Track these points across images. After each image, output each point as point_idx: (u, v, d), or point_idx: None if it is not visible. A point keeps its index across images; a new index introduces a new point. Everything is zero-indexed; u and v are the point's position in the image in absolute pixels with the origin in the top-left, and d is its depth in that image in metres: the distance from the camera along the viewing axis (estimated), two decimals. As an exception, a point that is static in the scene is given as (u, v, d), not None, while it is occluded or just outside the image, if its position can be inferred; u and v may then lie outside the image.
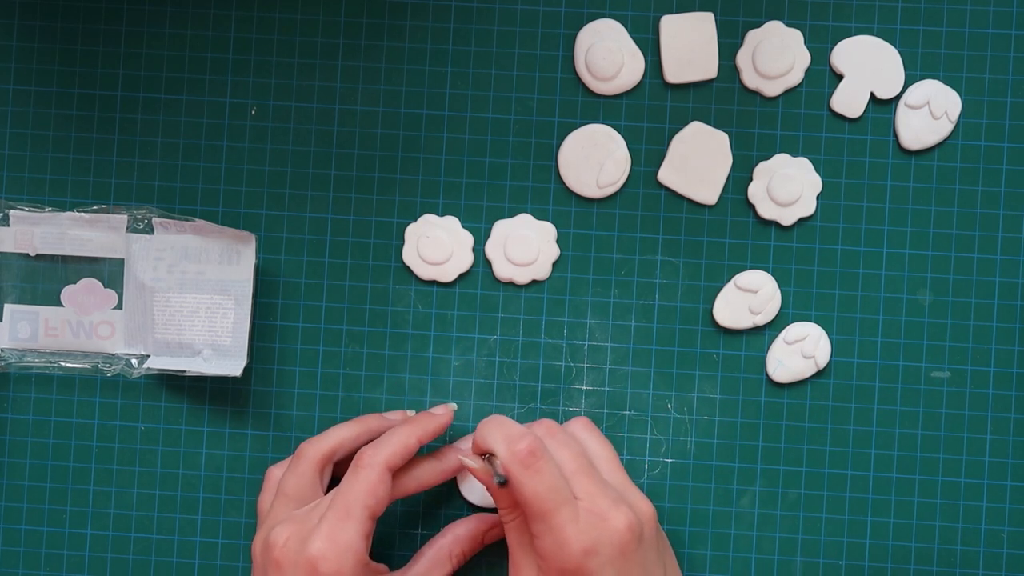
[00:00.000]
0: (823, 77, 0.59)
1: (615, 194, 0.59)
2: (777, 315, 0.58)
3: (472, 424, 0.59)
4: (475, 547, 0.56)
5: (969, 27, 0.59)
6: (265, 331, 0.59)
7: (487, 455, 0.50)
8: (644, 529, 0.50)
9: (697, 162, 0.58)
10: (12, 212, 0.58)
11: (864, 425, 0.58)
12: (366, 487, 0.51)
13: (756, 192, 0.58)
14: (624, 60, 0.58)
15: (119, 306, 0.59)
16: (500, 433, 0.50)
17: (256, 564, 0.52)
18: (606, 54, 0.58)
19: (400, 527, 0.59)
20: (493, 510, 0.58)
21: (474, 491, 0.58)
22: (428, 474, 0.55)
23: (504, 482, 0.49)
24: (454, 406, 0.57)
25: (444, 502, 0.59)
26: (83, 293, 0.59)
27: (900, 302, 0.58)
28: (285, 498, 0.53)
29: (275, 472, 0.56)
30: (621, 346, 0.59)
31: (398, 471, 0.54)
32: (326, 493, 0.54)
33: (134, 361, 0.58)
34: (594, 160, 0.59)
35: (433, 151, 0.59)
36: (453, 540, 0.56)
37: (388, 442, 0.53)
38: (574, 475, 0.50)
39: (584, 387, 0.59)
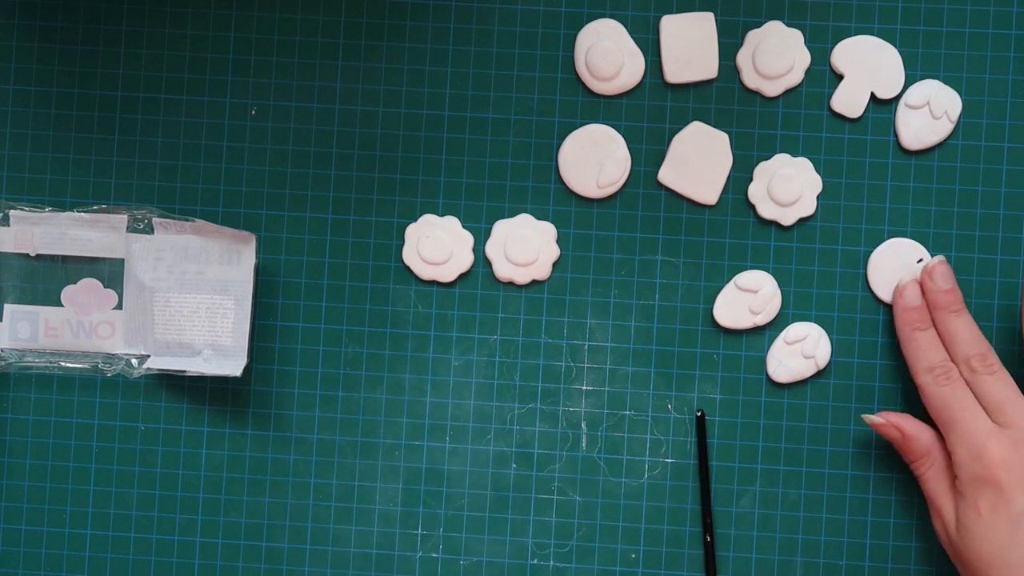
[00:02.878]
0: (823, 77, 0.59)
1: (615, 194, 0.59)
2: (777, 315, 0.58)
3: (472, 424, 0.59)
4: None
5: (969, 27, 0.59)
6: (265, 331, 0.59)
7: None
8: None
9: (697, 162, 0.58)
10: (12, 212, 0.58)
11: (864, 425, 0.58)
12: None
13: (756, 192, 0.58)
14: (624, 60, 0.58)
15: (119, 306, 0.59)
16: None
17: None
18: (606, 54, 0.58)
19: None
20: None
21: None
22: None
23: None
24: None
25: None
26: (83, 293, 0.59)
27: (900, 302, 0.58)
28: None
29: None
30: (621, 346, 0.59)
31: None
32: None
33: (134, 361, 0.58)
34: (594, 160, 0.59)
35: (433, 151, 0.59)
36: None
37: None
38: (999, 403, 0.53)
39: (584, 387, 0.59)
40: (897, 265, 0.58)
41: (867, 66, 0.58)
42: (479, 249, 0.59)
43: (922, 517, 0.58)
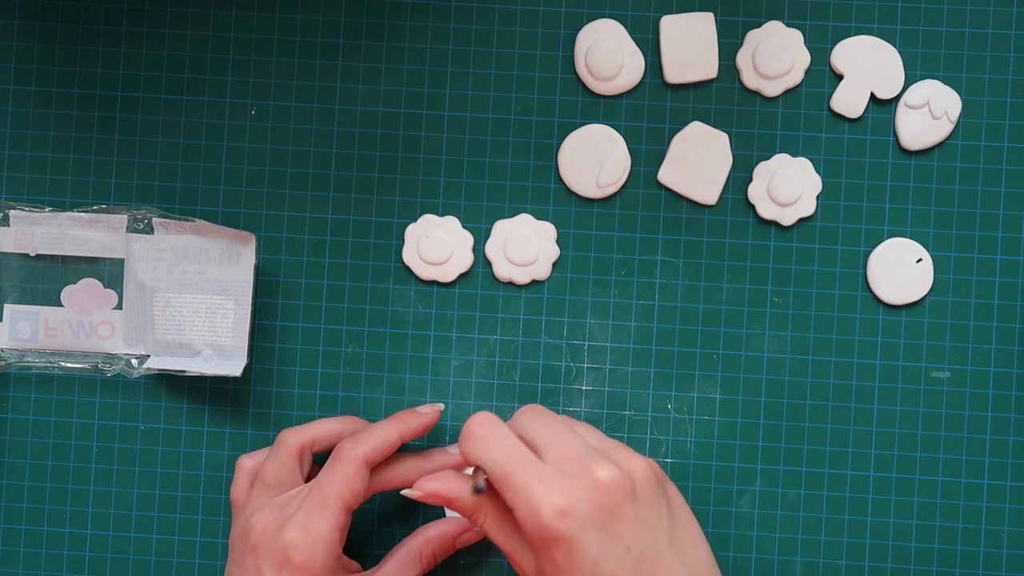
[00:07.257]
0: (823, 77, 0.59)
1: (615, 194, 0.59)
2: (774, 313, 0.58)
3: (472, 424, 0.59)
4: (446, 550, 0.56)
5: (969, 27, 0.59)
6: (265, 331, 0.59)
7: (474, 471, 0.49)
8: (636, 485, 0.47)
9: (697, 162, 0.58)
10: (12, 212, 0.58)
11: (864, 425, 0.58)
12: (342, 479, 0.51)
13: (756, 192, 0.58)
14: (624, 60, 0.58)
15: (119, 306, 0.59)
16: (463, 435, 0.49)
17: (234, 551, 0.53)
18: (606, 54, 0.58)
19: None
20: None
21: None
22: (411, 471, 0.55)
23: (482, 488, 0.48)
24: (440, 406, 0.57)
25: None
26: (83, 293, 0.59)
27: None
28: (264, 486, 0.53)
29: (246, 461, 0.56)
30: (621, 346, 0.59)
31: (380, 466, 0.54)
32: (306, 482, 0.54)
33: (134, 361, 0.58)
34: (594, 160, 0.59)
35: (433, 151, 0.59)
36: (424, 541, 0.55)
37: (368, 436, 0.53)
38: (544, 439, 0.48)
39: (584, 387, 0.59)
40: (897, 265, 0.58)
41: (867, 66, 0.58)
42: (479, 249, 0.59)
43: (922, 517, 0.58)
